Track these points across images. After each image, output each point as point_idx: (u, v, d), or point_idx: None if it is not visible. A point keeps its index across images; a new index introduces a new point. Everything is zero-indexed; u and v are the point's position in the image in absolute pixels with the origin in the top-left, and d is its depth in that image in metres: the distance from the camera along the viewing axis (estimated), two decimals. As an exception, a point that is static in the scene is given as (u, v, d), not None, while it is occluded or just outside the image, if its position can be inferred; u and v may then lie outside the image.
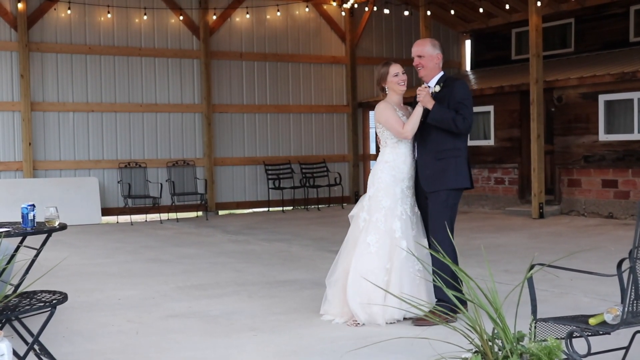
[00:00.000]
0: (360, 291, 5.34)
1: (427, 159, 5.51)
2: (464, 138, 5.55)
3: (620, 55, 13.56)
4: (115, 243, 10.77)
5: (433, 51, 5.60)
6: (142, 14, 14.50)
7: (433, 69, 5.61)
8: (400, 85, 5.65)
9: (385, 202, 5.49)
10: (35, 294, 4.23)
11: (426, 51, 5.60)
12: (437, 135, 5.48)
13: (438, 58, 5.62)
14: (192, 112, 14.98)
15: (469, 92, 5.57)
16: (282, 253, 9.44)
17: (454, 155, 5.48)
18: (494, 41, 16.87)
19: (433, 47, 5.62)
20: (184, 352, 4.80)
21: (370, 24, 16.74)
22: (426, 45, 5.65)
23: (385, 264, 5.39)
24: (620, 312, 3.51)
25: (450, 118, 5.40)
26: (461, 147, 5.52)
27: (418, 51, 5.63)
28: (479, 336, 2.81)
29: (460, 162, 5.49)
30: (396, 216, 5.46)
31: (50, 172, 13.78)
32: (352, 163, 16.55)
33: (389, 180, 5.53)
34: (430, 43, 5.66)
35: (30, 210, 4.75)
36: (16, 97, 13.54)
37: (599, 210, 12.58)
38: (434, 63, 5.60)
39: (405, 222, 5.47)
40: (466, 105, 5.46)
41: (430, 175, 5.48)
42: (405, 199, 5.53)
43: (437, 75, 5.63)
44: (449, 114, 5.40)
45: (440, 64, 5.65)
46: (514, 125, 14.20)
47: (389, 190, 5.50)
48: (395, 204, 5.48)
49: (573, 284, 6.68)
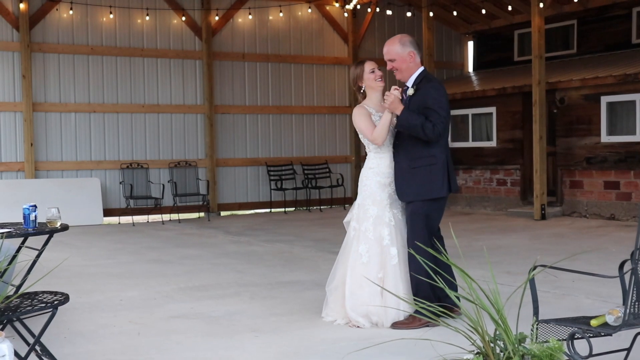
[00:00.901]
0: (358, 303, 5.33)
1: (402, 167, 5.31)
2: (441, 144, 5.25)
3: (622, 56, 13.55)
4: (117, 244, 10.77)
5: (403, 50, 5.33)
6: (144, 15, 14.51)
7: (408, 69, 5.35)
8: (378, 81, 5.48)
9: (372, 211, 5.40)
10: (36, 295, 4.23)
11: (395, 52, 5.34)
12: (410, 142, 5.26)
13: (410, 56, 5.32)
14: (194, 112, 14.98)
15: (441, 96, 5.24)
16: (284, 254, 9.44)
17: (429, 164, 5.23)
18: (497, 42, 16.86)
19: (402, 46, 5.33)
20: (186, 353, 4.79)
21: (373, 25, 16.74)
22: (394, 45, 5.36)
23: (377, 273, 5.32)
24: (622, 313, 3.50)
25: (419, 124, 5.11)
26: (436, 154, 5.23)
27: (388, 54, 5.37)
28: (480, 337, 2.80)
29: (435, 170, 5.24)
30: (384, 223, 5.36)
31: (52, 172, 13.79)
32: (354, 164, 16.55)
33: (374, 187, 5.42)
34: (399, 42, 5.36)
35: (32, 211, 4.75)
36: (18, 97, 13.55)
37: (601, 211, 12.57)
38: (407, 63, 5.33)
39: (394, 228, 5.37)
40: (436, 110, 5.15)
41: (404, 185, 5.30)
42: (395, 202, 5.42)
43: (415, 73, 5.35)
44: (417, 120, 5.12)
45: (417, 59, 5.35)
46: (516, 126, 14.19)
47: (375, 198, 5.41)
48: (383, 211, 5.38)
49: (575, 286, 6.67)
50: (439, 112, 5.16)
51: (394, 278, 5.30)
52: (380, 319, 5.30)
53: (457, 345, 2.94)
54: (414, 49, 5.35)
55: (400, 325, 5.25)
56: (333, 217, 14.33)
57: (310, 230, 12.15)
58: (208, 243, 10.72)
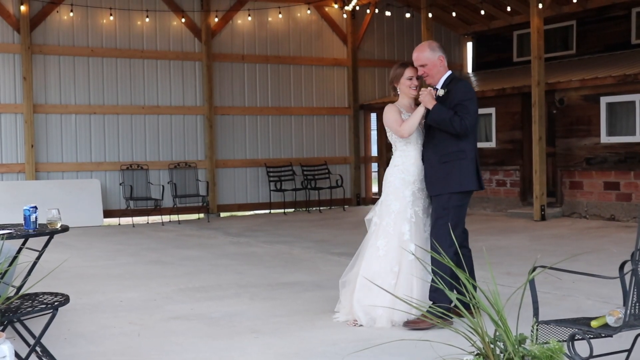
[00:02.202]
0: (367, 294, 5.37)
1: (432, 161, 5.44)
2: (470, 140, 5.40)
3: (621, 57, 13.56)
4: (117, 245, 10.77)
5: (433, 55, 5.47)
6: (144, 17, 14.52)
7: (438, 72, 5.49)
8: (412, 89, 5.55)
9: (394, 206, 5.48)
10: (37, 296, 4.23)
11: (426, 58, 5.46)
12: (441, 137, 5.40)
13: (440, 60, 5.47)
14: (194, 114, 14.99)
15: (470, 93, 5.42)
16: (284, 255, 9.44)
17: (459, 158, 5.36)
18: (496, 43, 16.87)
19: (432, 52, 5.48)
20: (186, 354, 4.80)
21: (372, 26, 16.75)
22: (424, 51, 5.49)
23: (392, 266, 5.39)
24: (623, 314, 3.50)
25: (447, 119, 5.28)
26: (466, 149, 5.38)
27: (419, 60, 5.49)
28: (480, 339, 2.80)
29: (465, 165, 5.37)
30: (405, 219, 5.44)
31: (52, 174, 13.79)
32: (354, 165, 16.55)
33: (398, 184, 5.51)
34: (429, 48, 5.51)
35: (33, 212, 4.76)
36: (19, 99, 13.55)
37: (601, 212, 12.57)
38: (437, 67, 5.47)
39: (415, 225, 5.45)
40: (465, 106, 5.32)
41: (434, 178, 5.42)
42: (417, 201, 5.49)
43: (444, 76, 5.50)
44: (447, 115, 5.29)
45: (445, 63, 5.52)
46: (516, 127, 14.19)
47: (398, 194, 5.49)
48: (405, 207, 5.45)
49: (575, 287, 6.67)
50: (468, 107, 5.32)
51: (409, 274, 5.34)
52: (384, 315, 5.31)
53: (457, 346, 2.94)
54: (442, 53, 5.53)
55: (411, 324, 5.26)
56: (332, 218, 14.34)
57: (310, 231, 12.15)
58: (208, 244, 10.73)
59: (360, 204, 16.55)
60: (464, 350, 2.89)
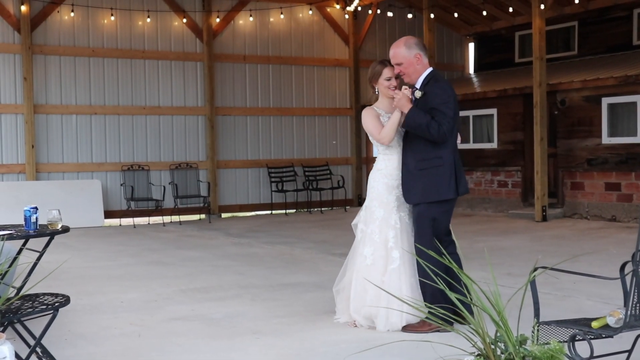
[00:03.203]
0: (361, 305, 5.33)
1: (409, 167, 5.24)
2: (449, 144, 5.15)
3: (623, 58, 13.55)
4: (118, 246, 10.77)
5: (409, 53, 5.19)
6: (145, 17, 14.52)
7: (415, 71, 5.24)
8: (391, 90, 5.34)
9: (378, 213, 5.36)
10: (37, 297, 4.23)
11: (402, 56, 5.22)
12: (419, 142, 5.18)
13: (417, 58, 5.19)
14: (195, 114, 14.99)
15: (448, 96, 5.13)
16: (285, 256, 9.44)
17: (436, 165, 5.14)
18: (498, 44, 16.87)
19: (408, 49, 5.20)
20: (186, 355, 4.79)
21: (374, 26, 16.75)
22: (400, 48, 5.22)
23: (381, 276, 5.29)
24: (623, 315, 3.50)
25: (424, 124, 5.02)
26: (443, 156, 5.12)
27: (395, 58, 5.25)
28: (481, 339, 2.80)
29: (442, 172, 5.15)
30: (390, 226, 5.32)
31: (53, 174, 13.80)
32: (355, 166, 16.55)
33: (382, 189, 5.37)
34: (404, 45, 5.22)
35: (33, 213, 4.75)
36: (19, 99, 13.56)
37: (602, 213, 12.56)
38: (414, 66, 5.20)
39: (400, 231, 5.33)
40: (442, 110, 5.05)
41: (410, 186, 5.22)
42: (402, 205, 5.35)
43: (423, 75, 5.25)
44: (423, 120, 5.02)
45: (424, 60, 5.22)
46: (517, 128, 14.19)
47: (382, 200, 5.37)
48: (390, 214, 5.33)
49: (576, 287, 6.67)
50: (445, 112, 5.07)
51: (397, 281, 5.25)
52: (382, 323, 5.28)
53: (458, 347, 2.94)
54: (420, 50, 5.25)
55: (410, 328, 5.22)
56: (334, 218, 14.33)
57: (311, 232, 12.15)
58: (209, 245, 10.72)
59: (362, 205, 16.51)
60: (465, 351, 2.88)
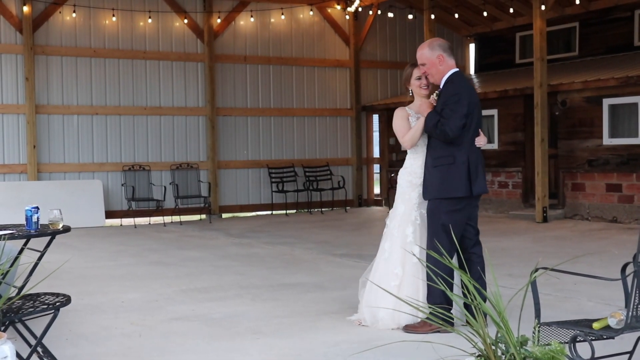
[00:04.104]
0: (373, 296, 5.42)
1: (428, 165, 5.38)
2: (461, 144, 5.22)
3: (624, 59, 13.54)
4: (119, 246, 10.78)
5: (432, 54, 5.31)
6: (146, 17, 14.53)
7: (438, 72, 5.34)
8: (422, 89, 5.48)
9: (400, 209, 5.50)
10: (38, 297, 4.23)
11: (425, 57, 5.35)
12: (434, 141, 5.34)
13: (440, 59, 5.30)
14: (196, 115, 15.00)
15: (457, 95, 5.22)
16: (285, 256, 9.44)
17: (447, 163, 5.24)
18: (498, 45, 16.86)
19: (431, 50, 5.33)
20: (187, 355, 4.80)
21: (374, 27, 16.75)
22: (424, 49, 5.36)
23: (394, 269, 5.40)
24: (624, 316, 3.50)
25: (432, 126, 5.22)
26: (455, 154, 5.22)
27: (420, 59, 5.39)
28: (482, 340, 2.80)
29: (453, 170, 5.22)
30: (410, 222, 5.43)
31: (54, 174, 13.80)
32: (356, 166, 16.55)
33: (405, 186, 5.52)
34: (428, 46, 5.37)
35: (34, 213, 4.76)
36: (21, 100, 13.57)
37: (603, 214, 12.56)
38: (436, 67, 5.33)
39: (419, 227, 5.43)
40: (450, 107, 5.18)
41: (427, 182, 5.35)
42: (424, 203, 5.45)
43: (446, 76, 5.33)
44: (432, 121, 5.22)
45: (448, 62, 5.31)
46: (518, 129, 14.19)
47: (404, 196, 5.50)
48: (411, 210, 5.44)
49: (577, 288, 6.66)
50: (452, 110, 5.17)
51: (413, 276, 5.33)
52: (386, 317, 5.33)
53: (458, 347, 2.94)
54: (443, 52, 5.33)
55: (410, 328, 5.25)
56: (334, 219, 14.34)
57: (312, 232, 12.15)
58: (209, 245, 10.73)
59: (362, 206, 16.54)
60: (466, 352, 2.88)
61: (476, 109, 5.31)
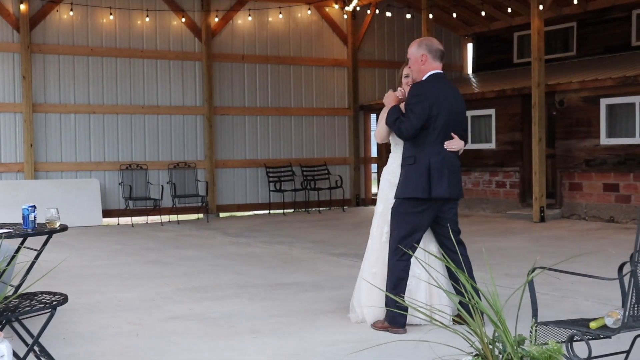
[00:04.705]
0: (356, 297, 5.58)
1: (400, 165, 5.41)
2: (421, 144, 5.17)
3: (622, 59, 13.56)
4: (116, 245, 10.77)
5: (417, 52, 5.29)
6: (144, 16, 14.51)
7: (419, 70, 5.30)
8: (409, 86, 5.45)
9: (379, 208, 5.53)
10: (35, 295, 4.23)
11: (411, 53, 5.34)
12: (406, 141, 5.32)
13: (422, 58, 5.26)
14: (194, 114, 14.99)
15: (418, 93, 5.17)
16: (283, 256, 9.44)
17: (409, 163, 5.24)
18: (496, 44, 16.88)
19: (418, 48, 5.30)
20: (184, 354, 4.79)
21: (373, 26, 16.75)
22: (412, 47, 5.35)
23: (371, 268, 5.46)
24: (621, 316, 3.50)
25: (392, 121, 5.25)
26: (416, 155, 5.18)
27: (408, 55, 5.41)
28: (479, 339, 2.80)
29: (413, 171, 5.19)
30: (387, 222, 5.42)
31: (51, 173, 13.78)
32: (353, 166, 16.55)
33: (384, 186, 5.54)
34: (417, 43, 5.35)
35: (31, 212, 4.75)
36: (18, 98, 13.55)
37: (600, 214, 12.57)
38: (418, 65, 5.28)
39: None
40: (410, 107, 5.17)
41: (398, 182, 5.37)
42: None
43: (425, 76, 5.29)
44: (391, 117, 5.24)
45: (430, 63, 5.26)
46: (516, 128, 14.20)
47: (383, 196, 5.52)
48: (388, 209, 5.42)
49: (574, 288, 6.67)
50: (411, 112, 5.15)
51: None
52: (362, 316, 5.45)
53: (456, 347, 2.94)
54: (428, 52, 5.28)
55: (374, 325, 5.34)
56: (332, 218, 14.34)
57: (309, 231, 12.15)
58: (207, 244, 10.72)
59: (360, 205, 16.54)
60: (463, 351, 2.89)
61: (446, 112, 5.17)
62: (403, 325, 5.17)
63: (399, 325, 5.15)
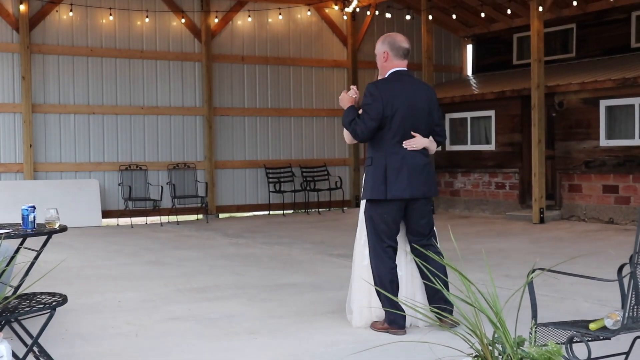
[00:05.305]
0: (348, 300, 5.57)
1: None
2: (378, 145, 5.11)
3: (621, 60, 13.56)
4: (116, 245, 10.76)
5: (380, 49, 5.23)
6: (144, 17, 14.51)
7: (382, 67, 5.22)
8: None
9: (360, 211, 5.51)
10: (34, 296, 4.22)
11: (377, 49, 5.29)
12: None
13: (384, 55, 5.20)
14: (193, 115, 14.99)
15: (371, 94, 5.09)
16: (282, 256, 9.44)
17: (367, 165, 5.24)
18: (496, 46, 16.88)
19: (381, 45, 5.23)
20: (184, 355, 4.79)
21: (372, 28, 16.75)
22: (378, 42, 5.28)
23: (356, 270, 5.45)
24: (621, 317, 3.50)
25: (348, 122, 5.18)
26: (373, 156, 5.14)
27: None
28: (479, 340, 2.80)
29: (369, 173, 5.18)
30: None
31: (50, 174, 13.78)
32: (353, 167, 16.55)
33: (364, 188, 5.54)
34: (380, 40, 5.26)
35: (31, 212, 4.74)
36: (17, 98, 13.55)
37: (600, 215, 12.57)
38: (380, 62, 5.22)
39: None
40: (364, 108, 5.11)
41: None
42: None
43: (387, 74, 5.23)
44: (350, 117, 5.18)
45: (392, 60, 5.19)
46: (515, 130, 14.20)
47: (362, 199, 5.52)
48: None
49: (573, 289, 6.67)
50: (365, 113, 5.12)
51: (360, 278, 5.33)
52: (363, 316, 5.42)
53: (455, 348, 2.94)
54: (390, 49, 5.21)
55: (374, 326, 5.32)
56: (331, 219, 14.34)
57: (309, 232, 12.15)
58: (206, 245, 10.72)
59: (359, 206, 16.51)
60: (463, 352, 2.89)
61: (404, 111, 5.07)
62: (403, 326, 5.17)
63: (399, 326, 5.14)
